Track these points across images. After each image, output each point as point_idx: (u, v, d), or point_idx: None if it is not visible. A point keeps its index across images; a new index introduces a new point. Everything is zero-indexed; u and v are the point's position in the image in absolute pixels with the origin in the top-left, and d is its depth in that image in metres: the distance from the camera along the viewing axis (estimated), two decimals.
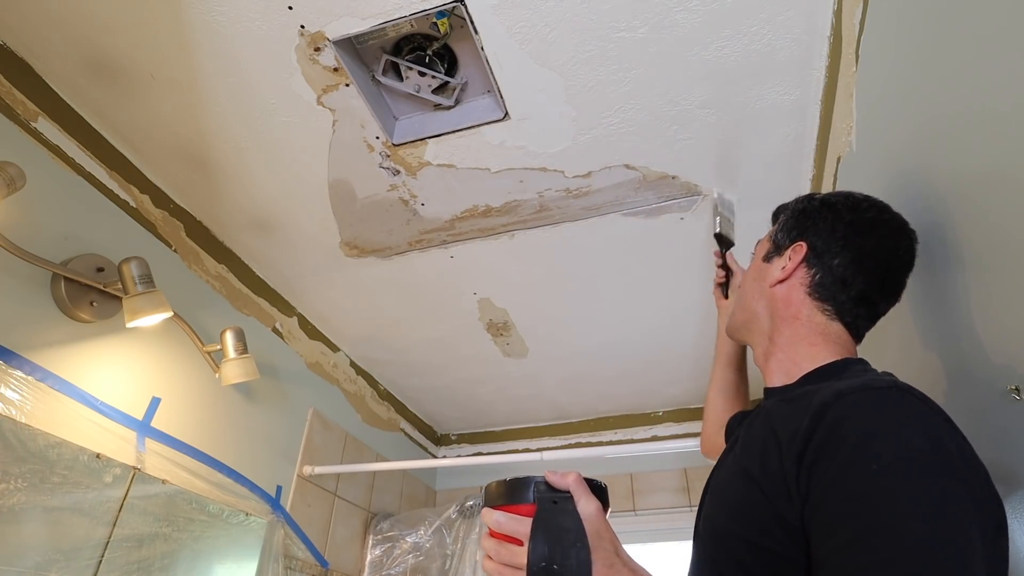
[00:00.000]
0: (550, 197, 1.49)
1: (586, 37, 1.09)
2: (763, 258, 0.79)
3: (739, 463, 0.61)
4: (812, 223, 0.74)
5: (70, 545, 1.08)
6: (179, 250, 1.51)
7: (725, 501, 0.61)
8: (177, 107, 1.25)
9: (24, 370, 1.07)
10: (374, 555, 2.05)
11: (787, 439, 0.54)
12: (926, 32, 0.75)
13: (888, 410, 0.51)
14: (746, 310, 0.78)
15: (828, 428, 0.50)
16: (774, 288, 0.74)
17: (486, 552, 0.55)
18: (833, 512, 0.47)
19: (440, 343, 2.13)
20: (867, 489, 0.46)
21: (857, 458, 0.48)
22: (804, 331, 0.70)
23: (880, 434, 0.49)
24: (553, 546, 0.50)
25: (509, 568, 0.52)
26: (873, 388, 0.53)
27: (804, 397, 0.58)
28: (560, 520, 0.51)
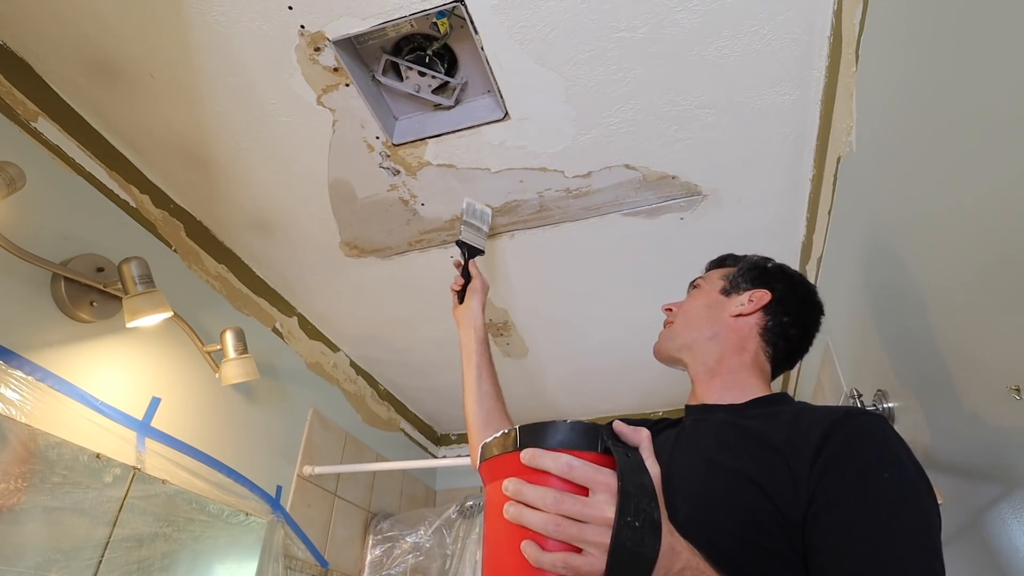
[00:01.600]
0: (550, 197, 1.49)
1: (586, 37, 1.09)
2: (720, 291, 0.90)
3: (718, 462, 0.66)
4: (773, 281, 0.88)
5: (70, 545, 1.08)
6: (179, 250, 1.51)
7: (707, 497, 0.63)
8: (177, 107, 1.25)
9: (24, 370, 1.07)
10: (374, 555, 2.05)
11: (788, 446, 0.62)
12: (926, 32, 0.75)
13: (890, 433, 0.61)
14: (695, 332, 0.88)
15: (845, 439, 0.59)
16: (733, 319, 0.86)
17: (529, 501, 0.46)
18: (849, 510, 0.55)
19: (440, 343, 2.13)
20: (881, 494, 0.55)
21: (873, 468, 0.57)
22: (749, 362, 0.83)
23: (890, 450, 0.59)
24: (637, 501, 0.46)
25: (573, 522, 0.45)
26: (873, 414, 0.64)
27: (780, 414, 0.69)
28: (640, 476, 0.48)
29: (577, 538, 0.45)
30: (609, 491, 0.46)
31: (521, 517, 0.46)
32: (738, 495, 0.61)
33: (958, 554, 0.93)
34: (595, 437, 0.49)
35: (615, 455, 0.48)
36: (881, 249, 1.05)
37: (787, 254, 1.66)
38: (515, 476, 0.48)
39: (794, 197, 1.46)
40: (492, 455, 0.52)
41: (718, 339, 0.84)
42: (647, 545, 0.45)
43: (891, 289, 1.02)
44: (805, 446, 0.60)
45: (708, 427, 0.74)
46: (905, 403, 1.06)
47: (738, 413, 0.75)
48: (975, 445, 0.81)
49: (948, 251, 0.77)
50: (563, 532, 0.45)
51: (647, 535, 0.45)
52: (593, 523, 0.45)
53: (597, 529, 0.45)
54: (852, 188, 1.17)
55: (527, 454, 0.48)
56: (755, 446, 0.65)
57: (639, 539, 0.44)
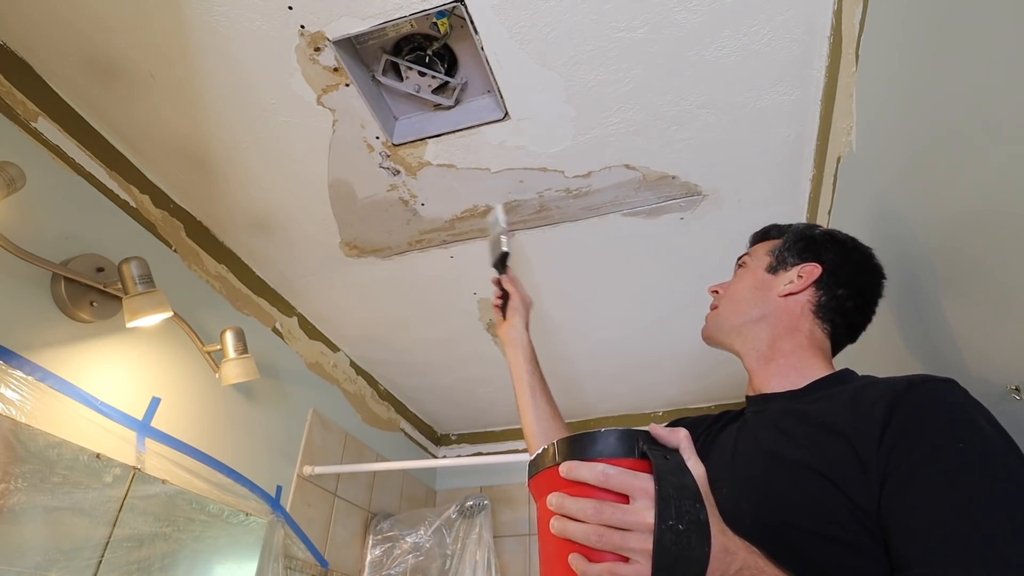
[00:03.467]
0: (550, 197, 1.49)
1: (586, 37, 1.09)
2: (766, 269, 0.83)
3: (781, 454, 0.62)
4: (823, 251, 0.81)
5: (70, 545, 1.08)
6: (179, 250, 1.51)
7: (773, 493, 0.60)
8: (177, 107, 1.25)
9: (24, 370, 1.07)
10: (374, 555, 2.05)
11: (851, 428, 0.57)
12: (926, 32, 0.75)
13: (962, 397, 0.56)
14: (741, 314, 0.81)
15: (909, 411, 0.54)
16: (782, 299, 0.79)
17: (571, 514, 0.46)
18: (925, 487, 0.50)
19: (440, 343, 2.13)
20: (958, 465, 0.50)
21: (945, 437, 0.52)
22: (805, 343, 0.76)
23: (962, 415, 0.54)
24: (678, 504, 0.45)
25: (615, 531, 0.44)
26: (940, 379, 0.58)
27: (840, 394, 0.63)
28: (680, 478, 0.47)
29: (621, 547, 0.44)
30: (648, 496, 0.45)
31: (565, 530, 0.46)
32: (803, 488, 0.57)
33: None
34: (631, 443, 0.48)
35: (652, 459, 0.47)
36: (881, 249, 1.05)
37: None
38: (558, 491, 0.48)
39: (794, 197, 1.46)
40: (536, 471, 0.52)
41: (767, 321, 0.78)
42: (695, 548, 0.44)
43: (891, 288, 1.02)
44: (869, 425, 0.56)
45: (767, 418, 0.70)
46: None
47: (797, 399, 0.70)
48: None
49: (948, 251, 0.77)
50: (607, 542, 0.44)
51: (694, 537, 0.44)
52: (636, 530, 0.44)
53: (640, 536, 0.44)
54: (852, 188, 1.17)
55: (565, 467, 0.48)
56: (817, 432, 0.60)
57: (685, 542, 0.43)
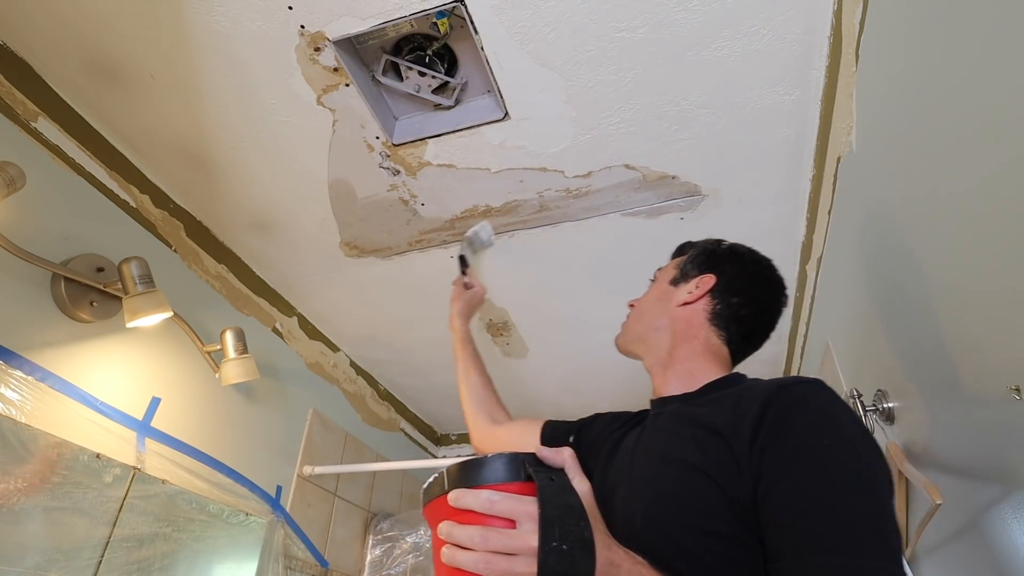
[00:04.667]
0: (550, 197, 1.49)
1: (586, 37, 1.09)
2: (670, 282, 0.89)
3: (669, 455, 0.65)
4: (720, 263, 0.87)
5: (70, 545, 1.08)
6: (179, 250, 1.51)
7: (661, 493, 0.62)
8: (177, 107, 1.25)
9: (24, 370, 1.07)
10: (374, 555, 2.05)
11: (730, 429, 0.60)
12: (926, 32, 0.75)
13: (827, 396, 0.59)
14: (646, 324, 0.88)
15: (779, 413, 0.58)
16: (679, 308, 0.85)
17: (460, 542, 0.47)
18: (792, 483, 0.54)
19: (440, 343, 2.13)
20: (821, 461, 0.54)
21: (810, 436, 0.56)
22: (701, 349, 0.81)
23: (826, 415, 0.57)
24: (562, 524, 0.46)
25: (501, 556, 0.46)
26: (808, 380, 0.62)
27: (726, 397, 0.67)
28: (564, 497, 0.48)
29: (508, 572, 0.45)
30: (532, 519, 0.46)
31: (454, 559, 0.47)
32: (687, 486, 0.60)
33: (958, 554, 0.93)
34: (517, 467, 0.49)
35: (537, 481, 0.48)
36: (881, 249, 1.05)
37: (787, 254, 1.66)
38: (448, 519, 0.49)
39: (794, 197, 1.46)
40: (428, 500, 0.52)
41: (667, 330, 0.84)
42: (579, 566, 0.45)
43: (891, 289, 1.02)
44: (744, 426, 0.59)
45: (663, 420, 0.74)
46: (905, 403, 1.06)
47: (690, 401, 0.74)
48: (975, 445, 0.81)
49: (948, 251, 0.77)
50: (493, 568, 0.45)
51: (578, 556, 0.45)
52: (521, 554, 0.45)
53: (525, 560, 0.45)
54: (852, 188, 1.17)
55: (452, 496, 0.49)
56: (701, 433, 0.64)
57: (569, 562, 0.44)
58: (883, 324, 1.10)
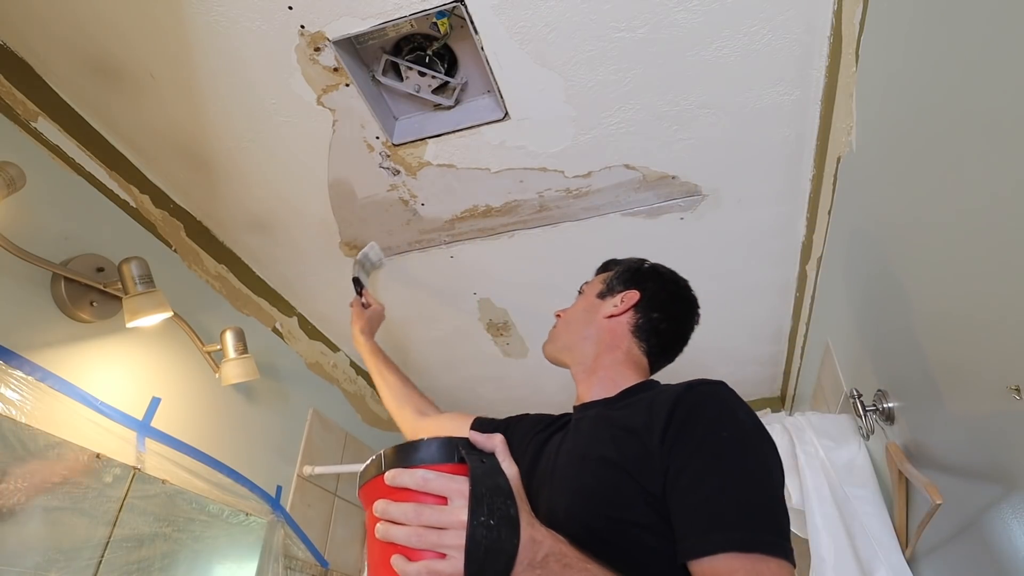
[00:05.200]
0: (550, 197, 1.49)
1: (586, 37, 1.09)
2: (597, 295, 0.96)
3: (588, 454, 0.71)
4: (643, 280, 0.94)
5: (70, 545, 1.08)
6: (179, 250, 1.51)
7: (581, 488, 0.68)
8: (177, 107, 1.25)
9: (24, 370, 1.07)
10: None
11: (644, 428, 0.66)
12: (926, 32, 0.75)
13: (727, 396, 0.67)
14: (573, 333, 0.94)
15: (685, 411, 0.64)
16: (605, 320, 0.91)
17: (393, 518, 0.50)
18: (697, 471, 0.60)
19: (440, 343, 2.13)
20: (722, 452, 0.61)
21: (711, 430, 0.62)
22: (623, 358, 0.88)
23: (725, 412, 0.64)
24: (490, 502, 0.50)
25: (432, 530, 0.49)
26: (711, 382, 0.69)
27: (641, 401, 0.73)
28: (494, 479, 0.52)
29: (438, 544, 0.49)
30: (463, 496, 0.50)
31: (388, 534, 0.50)
32: (605, 480, 0.65)
33: (958, 554, 0.93)
34: (451, 450, 0.53)
35: (469, 463, 0.52)
36: (881, 249, 1.05)
37: (787, 254, 1.66)
38: (383, 497, 0.52)
39: (794, 197, 1.46)
40: (364, 481, 0.55)
41: (593, 339, 0.90)
42: (504, 540, 0.49)
43: (891, 289, 1.02)
44: (656, 424, 0.65)
45: (585, 424, 0.79)
46: (905, 403, 1.06)
47: (609, 405, 0.80)
48: (975, 445, 0.81)
49: (948, 251, 0.77)
50: (425, 541, 0.49)
51: (503, 531, 0.49)
52: (451, 528, 0.49)
53: (455, 533, 0.49)
54: (852, 188, 1.17)
55: (389, 474, 0.52)
56: (618, 433, 0.70)
57: (495, 536, 0.49)
58: (883, 324, 1.10)
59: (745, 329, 2.01)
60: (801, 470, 1.29)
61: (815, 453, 1.31)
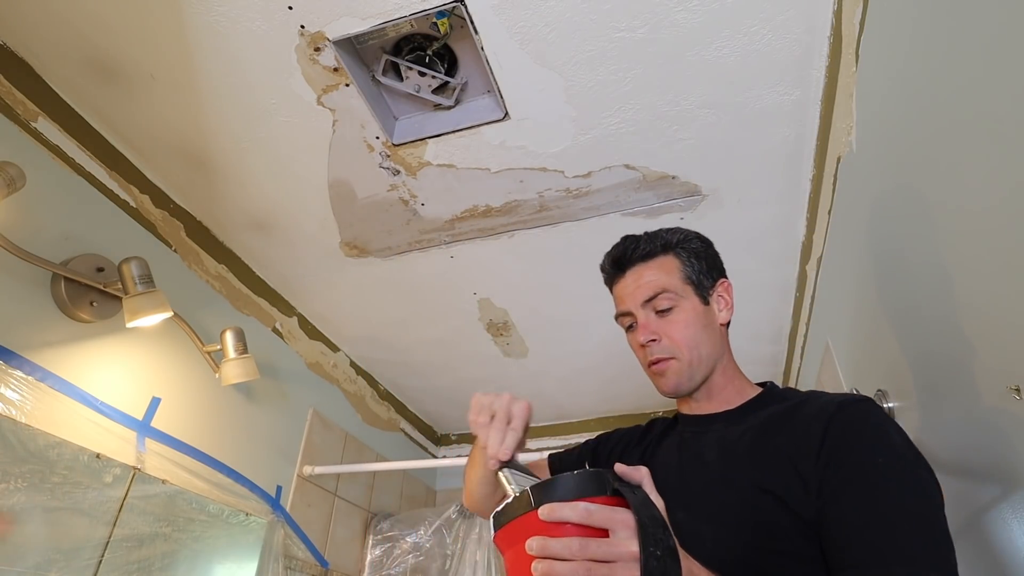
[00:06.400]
0: (550, 197, 1.49)
1: (586, 37, 1.09)
2: (701, 302, 0.79)
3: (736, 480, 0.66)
4: (720, 264, 0.83)
5: (70, 545, 1.08)
6: (179, 250, 1.51)
7: (732, 516, 0.64)
8: (177, 107, 1.25)
9: (24, 370, 1.07)
10: (374, 555, 2.05)
11: (795, 451, 0.63)
12: (926, 32, 0.75)
13: (879, 415, 0.64)
14: (707, 359, 0.78)
15: (839, 431, 0.62)
16: (723, 327, 0.80)
17: (556, 554, 0.47)
18: (849, 502, 0.57)
19: (440, 343, 2.13)
20: (880, 479, 0.58)
21: (869, 454, 0.59)
22: (733, 362, 0.81)
23: (880, 434, 0.61)
24: (654, 533, 0.48)
25: (602, 564, 0.47)
26: (860, 399, 0.66)
27: (780, 418, 0.69)
28: (650, 510, 0.50)
29: None
30: (628, 528, 0.48)
31: (552, 572, 0.47)
32: (760, 509, 0.63)
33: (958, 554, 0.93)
34: (603, 482, 0.51)
35: (624, 495, 0.50)
36: (881, 249, 1.05)
37: (787, 254, 1.66)
38: (536, 535, 0.49)
39: (794, 197, 1.46)
40: (508, 520, 0.53)
41: (719, 354, 0.79)
42: (672, 571, 0.47)
43: (891, 289, 1.02)
44: (806, 444, 0.62)
45: (711, 440, 0.74)
46: (905, 403, 1.06)
47: (735, 421, 0.74)
48: (975, 445, 0.81)
49: (948, 250, 0.77)
50: (594, 575, 0.46)
51: (669, 562, 0.47)
52: (621, 560, 0.46)
53: (626, 566, 0.46)
54: (852, 188, 1.17)
55: (546, 509, 0.49)
56: (761, 454, 0.66)
57: (664, 567, 0.46)
58: (883, 324, 1.10)
59: (745, 329, 2.01)
60: None
61: None
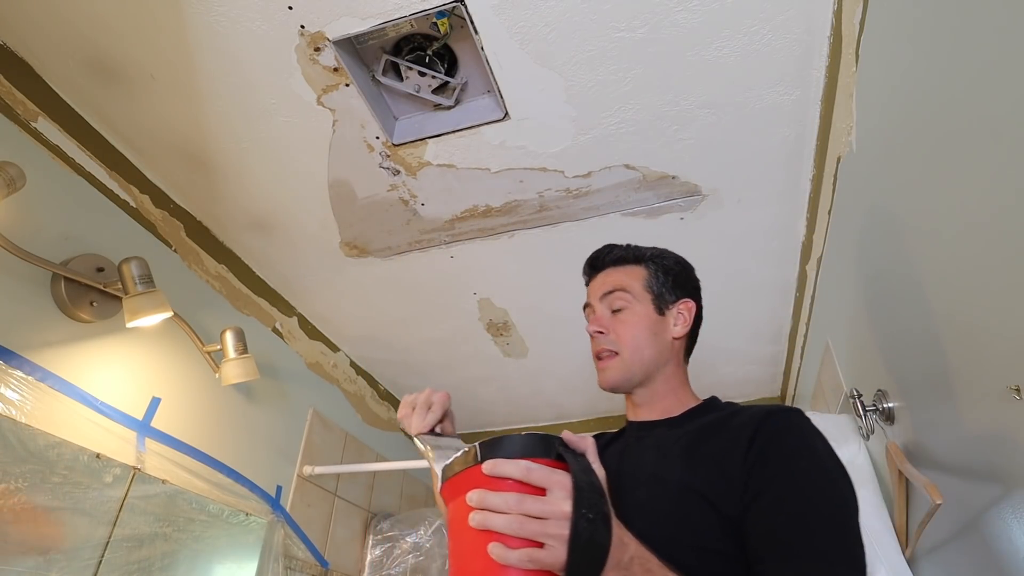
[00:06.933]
0: (550, 197, 1.49)
1: (586, 37, 1.09)
2: (656, 311, 0.85)
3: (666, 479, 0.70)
4: (690, 284, 0.89)
5: (70, 545, 1.08)
6: (179, 250, 1.51)
7: (659, 513, 0.67)
8: (177, 107, 1.25)
9: (24, 370, 1.07)
10: (374, 555, 2.05)
11: (723, 453, 0.67)
12: (926, 32, 0.75)
13: (805, 425, 0.68)
14: (647, 361, 0.83)
15: (766, 437, 0.65)
16: (674, 340, 0.85)
17: (493, 507, 0.50)
18: (776, 500, 0.61)
19: (440, 343, 2.13)
20: (801, 482, 0.61)
21: (792, 459, 0.64)
22: (682, 375, 0.86)
23: (804, 442, 0.66)
24: (589, 497, 0.51)
25: (535, 520, 0.49)
26: (788, 410, 0.70)
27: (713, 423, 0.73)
28: (590, 476, 0.53)
29: (539, 533, 0.49)
30: (565, 489, 0.51)
31: (487, 522, 0.50)
32: (683, 507, 0.65)
33: (958, 554, 0.93)
34: (549, 445, 0.54)
35: (567, 459, 0.53)
36: (881, 249, 1.05)
37: (787, 254, 1.66)
38: (480, 487, 0.52)
39: (794, 197, 1.46)
40: (453, 473, 0.56)
41: (662, 361, 0.84)
42: (601, 534, 0.50)
43: (891, 289, 1.02)
44: (735, 448, 0.66)
45: (650, 444, 0.78)
46: (905, 403, 1.06)
47: (674, 425, 0.79)
48: (975, 445, 0.81)
49: (948, 251, 0.77)
50: (526, 529, 0.49)
51: (600, 526, 0.50)
52: (553, 518, 0.49)
53: (557, 523, 0.49)
54: (852, 188, 1.17)
55: (489, 464, 0.52)
56: (693, 457, 0.70)
57: (594, 529, 0.49)
58: (883, 324, 1.10)
59: (745, 329, 2.01)
60: None
61: None
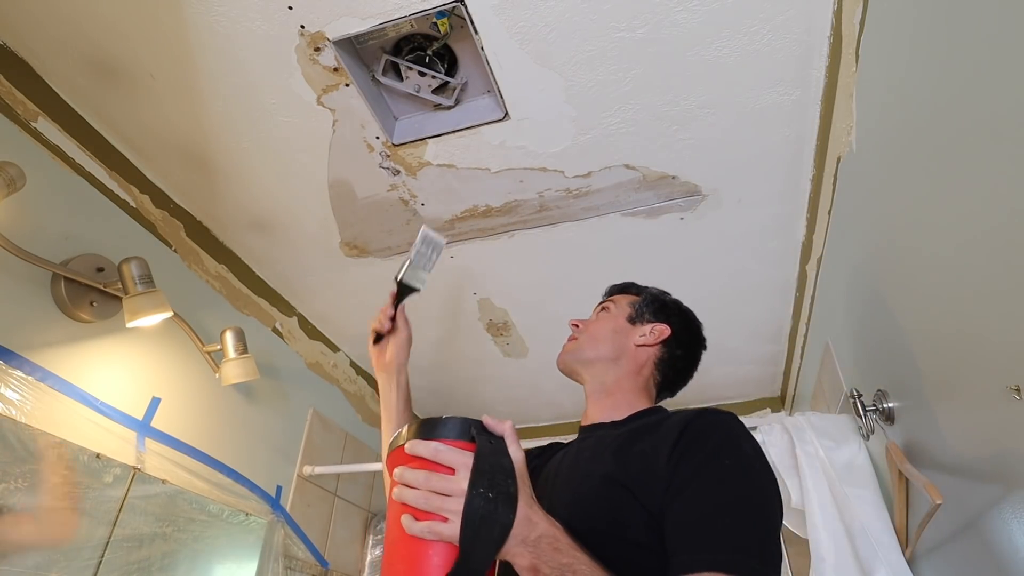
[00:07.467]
0: (550, 197, 1.49)
1: (586, 37, 1.09)
2: (627, 319, 0.96)
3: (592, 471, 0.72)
4: (671, 316, 0.95)
5: (70, 545, 1.07)
6: (179, 250, 1.51)
7: (580, 500, 0.70)
8: (177, 107, 1.25)
9: (24, 370, 1.07)
10: (374, 555, 2.05)
11: (651, 449, 0.69)
12: (926, 32, 0.75)
13: (734, 425, 0.69)
14: (598, 351, 0.93)
15: (692, 435, 0.67)
16: (636, 348, 0.91)
17: (407, 483, 0.57)
18: (695, 492, 0.62)
19: (440, 343, 2.13)
20: (723, 477, 0.63)
21: (716, 455, 0.65)
22: (641, 386, 0.90)
23: (730, 440, 0.67)
24: (491, 477, 0.55)
25: (438, 495, 0.55)
26: (719, 411, 0.72)
27: (648, 424, 0.76)
28: (498, 458, 0.57)
29: (441, 508, 0.54)
30: (467, 469, 0.56)
31: (401, 496, 0.57)
32: (606, 497, 0.68)
33: (958, 554, 0.93)
34: (465, 428, 0.59)
35: (477, 441, 0.58)
36: (881, 249, 1.05)
37: (787, 254, 1.66)
38: (402, 464, 0.59)
39: (794, 197, 1.46)
40: (392, 449, 0.62)
41: (619, 363, 0.90)
42: (500, 513, 0.54)
43: (891, 289, 1.02)
44: (664, 445, 0.68)
45: (590, 443, 0.81)
46: (905, 403, 1.06)
47: (616, 427, 0.82)
48: (975, 445, 0.81)
49: (948, 251, 0.77)
50: (430, 504, 0.55)
51: (501, 505, 0.54)
52: (454, 495, 0.54)
53: (456, 500, 0.54)
54: (852, 188, 1.17)
55: (409, 444, 0.59)
56: (624, 453, 0.72)
57: (491, 508, 0.54)
58: (883, 324, 1.10)
59: (745, 329, 2.01)
60: (801, 470, 1.29)
61: (815, 453, 1.31)
